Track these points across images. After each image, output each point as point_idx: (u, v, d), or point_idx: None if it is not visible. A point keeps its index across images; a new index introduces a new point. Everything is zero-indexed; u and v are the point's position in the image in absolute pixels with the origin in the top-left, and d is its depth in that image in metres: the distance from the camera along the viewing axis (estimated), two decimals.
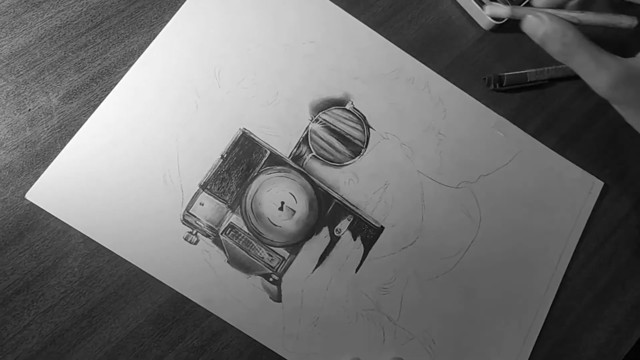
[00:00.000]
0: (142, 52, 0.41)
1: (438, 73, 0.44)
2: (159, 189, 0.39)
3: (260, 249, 0.39)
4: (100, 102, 0.40)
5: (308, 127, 0.42)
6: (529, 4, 0.38)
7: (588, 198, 0.45)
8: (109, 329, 0.37)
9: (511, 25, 0.46)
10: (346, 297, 0.40)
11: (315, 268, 0.40)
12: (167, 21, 0.42)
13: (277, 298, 0.39)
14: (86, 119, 0.39)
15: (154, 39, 0.41)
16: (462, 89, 0.44)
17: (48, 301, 0.37)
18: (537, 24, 0.35)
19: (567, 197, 0.44)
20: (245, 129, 0.41)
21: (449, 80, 0.44)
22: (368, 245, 0.41)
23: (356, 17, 0.44)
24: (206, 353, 0.38)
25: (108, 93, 0.40)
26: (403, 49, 0.44)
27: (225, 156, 0.40)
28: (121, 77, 0.40)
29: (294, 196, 0.40)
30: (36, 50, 0.40)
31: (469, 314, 0.41)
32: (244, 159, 0.40)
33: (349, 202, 0.41)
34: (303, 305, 0.39)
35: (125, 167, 0.39)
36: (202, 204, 0.39)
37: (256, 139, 0.41)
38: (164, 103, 0.40)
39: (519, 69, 0.45)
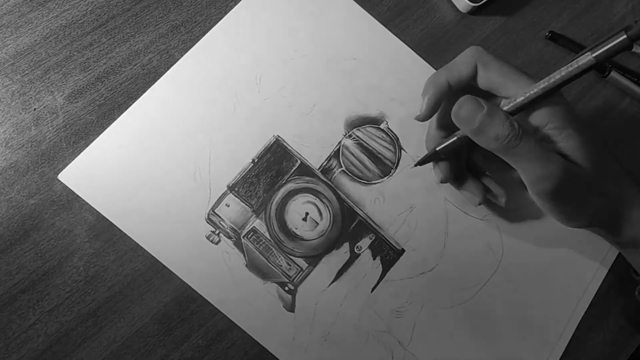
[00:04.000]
0: (147, 51, 0.41)
1: None
2: (188, 185, 0.39)
3: (280, 256, 0.40)
4: (106, 101, 0.40)
5: (341, 141, 0.42)
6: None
7: (612, 248, 0.43)
8: (114, 328, 0.37)
9: (517, 23, 0.46)
10: (359, 316, 0.40)
11: (332, 282, 0.40)
12: (172, 20, 0.42)
13: (291, 308, 0.39)
14: (92, 118, 0.39)
15: (159, 38, 0.41)
16: None
17: (53, 300, 0.37)
18: (473, 109, 0.31)
19: (592, 243, 0.43)
20: (279, 137, 0.41)
21: None
22: (387, 266, 0.41)
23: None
24: (211, 352, 0.38)
25: (113, 93, 0.40)
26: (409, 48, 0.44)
27: (256, 161, 0.41)
28: (126, 76, 0.40)
29: (318, 208, 0.40)
30: (41, 49, 0.40)
31: (480, 349, 0.41)
32: (274, 166, 0.41)
33: (373, 221, 0.41)
34: (315, 318, 0.39)
35: (158, 159, 0.40)
36: (228, 205, 0.40)
37: (288, 147, 0.41)
38: (203, 102, 0.41)
39: (526, 68, 0.45)
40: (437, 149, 0.36)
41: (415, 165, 0.39)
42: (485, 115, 0.31)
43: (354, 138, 0.42)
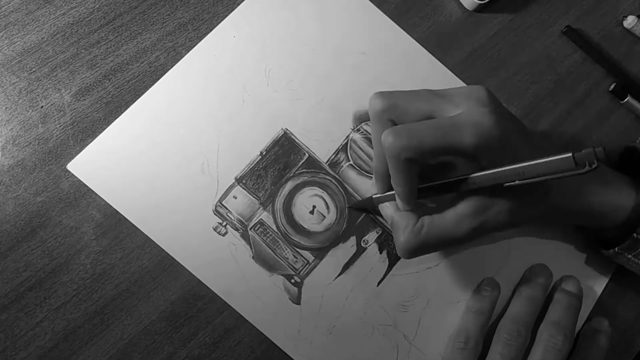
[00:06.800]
0: (155, 49, 0.41)
1: (451, 70, 0.44)
2: (196, 177, 0.39)
3: (286, 249, 0.39)
4: (113, 99, 0.40)
5: (349, 135, 0.42)
6: None
7: None
8: (121, 326, 0.37)
9: (525, 20, 0.46)
10: (364, 309, 0.39)
11: (338, 276, 0.40)
12: (180, 18, 0.42)
13: (297, 300, 0.39)
14: (99, 116, 0.39)
15: (166, 35, 0.41)
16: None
17: (60, 298, 0.37)
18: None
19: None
20: (287, 130, 0.41)
21: (460, 78, 0.44)
22: (393, 260, 0.40)
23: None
24: (218, 350, 0.38)
25: (120, 90, 0.40)
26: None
27: (264, 153, 0.41)
28: (133, 73, 0.40)
29: (325, 202, 0.40)
30: (49, 47, 0.40)
31: (486, 344, 0.40)
32: (282, 159, 0.41)
33: (379, 215, 0.41)
34: (321, 311, 0.39)
35: (166, 151, 0.40)
36: (236, 197, 0.40)
37: (296, 140, 0.41)
38: (212, 94, 0.41)
39: (534, 65, 0.45)
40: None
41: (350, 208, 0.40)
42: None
43: (362, 132, 0.42)
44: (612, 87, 0.46)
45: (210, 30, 0.42)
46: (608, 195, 0.37)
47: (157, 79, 0.40)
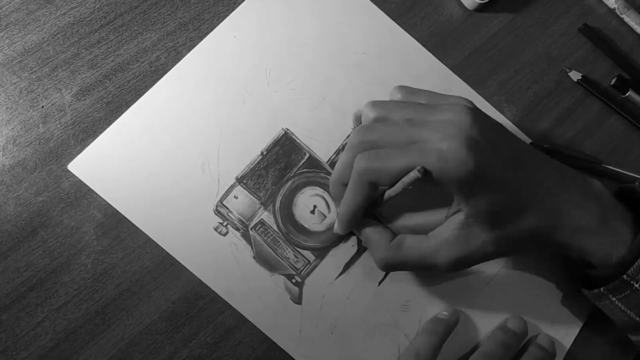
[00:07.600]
0: (155, 49, 0.41)
1: (452, 69, 0.44)
2: (197, 177, 0.40)
3: (287, 249, 0.39)
4: (114, 98, 0.40)
5: (349, 135, 0.42)
6: None
7: None
8: (122, 326, 0.37)
9: (525, 19, 0.46)
10: (366, 309, 0.39)
11: (339, 275, 0.40)
12: (180, 18, 0.42)
13: (298, 300, 0.39)
14: (99, 116, 0.39)
15: (167, 35, 0.41)
16: (475, 87, 0.44)
17: (61, 298, 0.37)
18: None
19: None
20: (288, 130, 0.41)
21: (461, 77, 0.44)
22: None
23: None
24: (219, 350, 0.38)
25: (121, 90, 0.40)
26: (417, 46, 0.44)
27: (265, 153, 0.41)
28: (134, 73, 0.40)
29: (326, 201, 0.40)
30: (49, 47, 0.40)
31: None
32: (282, 159, 0.41)
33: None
34: (322, 311, 0.39)
35: (167, 150, 0.40)
36: (236, 197, 0.40)
37: (297, 140, 0.41)
38: (213, 94, 0.41)
39: (534, 65, 0.45)
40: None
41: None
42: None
43: None
44: (613, 81, 0.46)
45: (211, 30, 0.42)
46: (604, 234, 0.34)
47: (158, 79, 0.41)
